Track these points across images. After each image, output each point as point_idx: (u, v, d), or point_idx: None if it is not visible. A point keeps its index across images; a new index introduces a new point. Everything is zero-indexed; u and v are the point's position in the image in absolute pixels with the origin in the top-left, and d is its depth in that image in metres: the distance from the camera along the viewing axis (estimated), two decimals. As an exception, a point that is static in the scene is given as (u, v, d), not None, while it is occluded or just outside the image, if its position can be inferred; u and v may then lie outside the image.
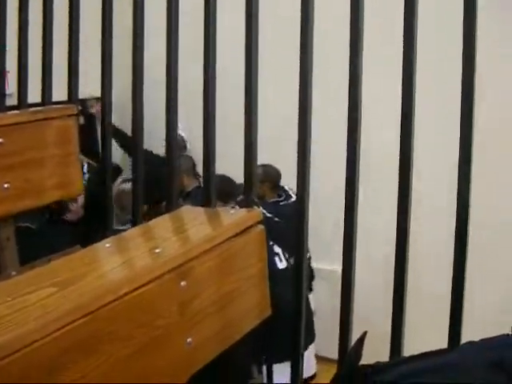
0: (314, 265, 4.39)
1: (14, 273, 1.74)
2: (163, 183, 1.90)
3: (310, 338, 3.94)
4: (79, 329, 1.11)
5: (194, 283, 1.35)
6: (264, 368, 3.75)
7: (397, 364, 1.18)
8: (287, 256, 3.90)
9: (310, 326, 3.94)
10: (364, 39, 1.65)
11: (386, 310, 1.70)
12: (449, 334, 1.55)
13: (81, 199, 3.81)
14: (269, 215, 4.02)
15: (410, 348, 1.42)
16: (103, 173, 2.13)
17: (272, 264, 3.71)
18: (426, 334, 2.59)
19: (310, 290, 4.37)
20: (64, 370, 1.09)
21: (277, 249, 3.91)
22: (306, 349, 3.84)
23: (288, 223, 3.86)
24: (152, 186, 2.07)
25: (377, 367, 1.15)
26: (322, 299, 4.40)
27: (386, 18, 3.11)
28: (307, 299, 3.93)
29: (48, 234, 3.92)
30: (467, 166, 1.54)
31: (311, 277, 4.40)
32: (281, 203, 4.43)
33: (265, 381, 3.82)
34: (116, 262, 1.37)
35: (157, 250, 1.36)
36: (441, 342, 1.53)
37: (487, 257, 3.74)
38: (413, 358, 1.15)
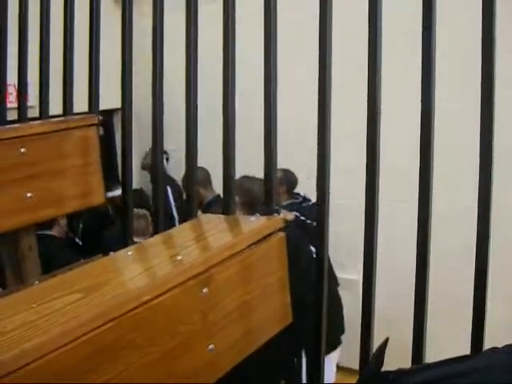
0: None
1: (36, 282, 1.76)
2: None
3: (341, 329, 3.95)
4: (103, 335, 1.12)
5: (215, 290, 1.36)
6: (304, 361, 3.72)
7: (419, 370, 1.18)
8: None
9: (340, 319, 3.96)
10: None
11: (408, 317, 1.69)
12: (471, 340, 1.54)
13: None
14: (302, 218, 4.04)
15: (432, 355, 1.42)
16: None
17: (312, 260, 3.70)
18: (447, 341, 2.57)
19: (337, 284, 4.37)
20: (87, 376, 1.10)
21: (313, 248, 3.89)
22: (339, 342, 3.86)
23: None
24: None
25: (399, 373, 1.14)
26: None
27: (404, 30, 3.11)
28: (337, 293, 3.95)
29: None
30: (488, 166, 1.53)
31: (336, 284, 4.39)
32: (303, 204, 4.44)
33: (304, 374, 3.79)
34: (138, 269, 1.38)
35: (178, 258, 1.37)
36: (463, 349, 1.52)
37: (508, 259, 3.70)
38: (435, 364, 1.14)
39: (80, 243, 3.74)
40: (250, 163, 2.58)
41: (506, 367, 1.03)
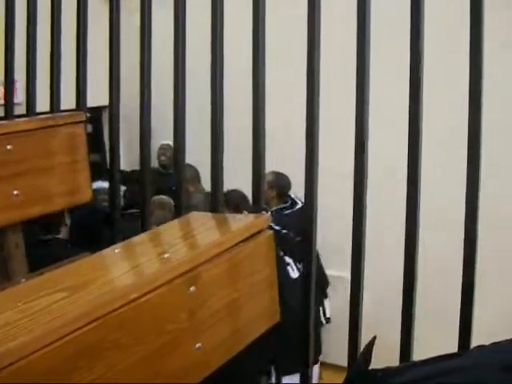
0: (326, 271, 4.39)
1: (23, 280, 1.75)
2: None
3: (319, 350, 3.92)
4: (88, 334, 1.11)
5: (202, 288, 1.35)
6: (273, 379, 3.73)
7: (406, 368, 1.17)
8: (298, 265, 3.88)
9: (317, 338, 3.92)
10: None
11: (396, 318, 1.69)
12: (459, 339, 1.55)
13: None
14: (276, 228, 4.01)
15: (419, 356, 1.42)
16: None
17: (285, 274, 3.69)
18: (435, 341, 2.57)
19: (325, 296, 4.36)
20: (73, 376, 1.09)
21: (288, 259, 3.89)
22: (316, 362, 3.84)
23: (295, 232, 3.88)
24: None
25: (386, 371, 1.14)
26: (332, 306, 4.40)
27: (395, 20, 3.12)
28: (317, 309, 3.94)
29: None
30: (475, 169, 1.53)
31: (325, 283, 4.38)
32: (285, 212, 4.39)
33: None
34: (125, 267, 1.37)
35: (165, 256, 1.36)
36: (451, 348, 1.52)
37: (495, 259, 3.72)
38: (423, 362, 1.14)
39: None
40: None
41: (493, 365, 1.03)
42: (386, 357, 1.54)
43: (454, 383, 1.04)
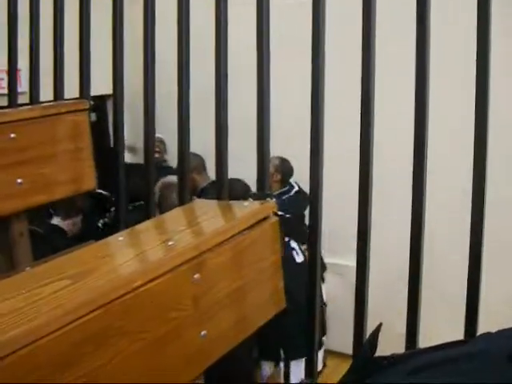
0: (326, 259, 4.40)
1: (27, 268, 1.74)
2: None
3: (323, 331, 3.94)
4: (92, 322, 1.10)
5: (207, 276, 1.34)
6: (281, 365, 3.74)
7: (412, 355, 1.16)
8: (303, 249, 3.89)
9: (322, 319, 3.94)
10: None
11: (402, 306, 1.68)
12: (465, 326, 1.54)
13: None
14: (280, 213, 4.01)
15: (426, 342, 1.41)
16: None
17: (290, 259, 3.70)
18: (442, 328, 2.56)
19: (322, 280, 4.37)
20: (77, 363, 1.08)
21: (293, 243, 3.89)
22: (320, 345, 3.86)
23: (296, 216, 3.89)
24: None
25: (392, 358, 1.13)
26: (335, 293, 4.41)
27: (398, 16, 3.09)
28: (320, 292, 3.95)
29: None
30: (482, 165, 1.52)
31: (323, 268, 4.39)
32: (283, 197, 4.42)
33: (282, 378, 3.81)
34: (129, 255, 1.36)
35: (170, 243, 1.35)
36: (457, 336, 1.51)
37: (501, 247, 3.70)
38: (428, 349, 1.13)
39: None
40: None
41: (500, 352, 1.02)
42: (390, 345, 1.54)
43: (461, 370, 1.03)
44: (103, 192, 3.66)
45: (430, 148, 1.61)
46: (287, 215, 3.95)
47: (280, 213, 4.06)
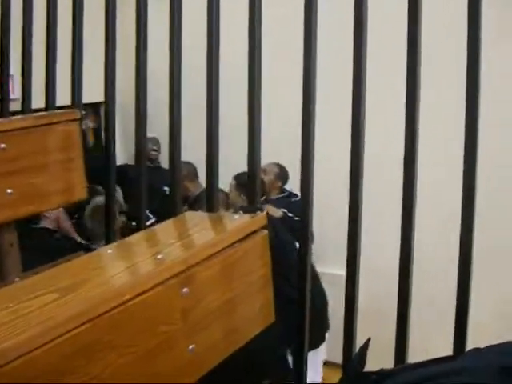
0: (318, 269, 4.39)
1: (17, 279, 1.74)
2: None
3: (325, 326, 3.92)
4: (80, 336, 1.10)
5: (196, 289, 1.34)
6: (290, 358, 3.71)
7: (401, 371, 1.17)
8: None
9: (324, 314, 3.92)
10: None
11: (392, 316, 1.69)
12: (454, 341, 1.54)
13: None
14: (290, 215, 4.05)
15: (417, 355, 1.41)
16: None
17: (295, 258, 3.69)
18: (434, 339, 2.57)
19: None
20: (65, 378, 1.08)
21: (298, 245, 3.90)
22: (323, 340, 3.83)
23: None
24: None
25: (381, 374, 1.14)
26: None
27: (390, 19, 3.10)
28: (323, 289, 3.95)
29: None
30: (471, 166, 1.53)
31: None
32: (291, 199, 4.48)
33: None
34: (118, 268, 1.36)
35: (158, 257, 1.35)
36: (449, 347, 1.52)
37: (490, 260, 3.71)
38: (417, 364, 1.13)
39: None
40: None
41: (489, 367, 1.03)
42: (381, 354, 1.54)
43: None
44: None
45: (420, 160, 1.62)
46: (296, 218, 3.99)
47: (290, 214, 4.07)
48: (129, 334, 1.20)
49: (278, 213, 4.08)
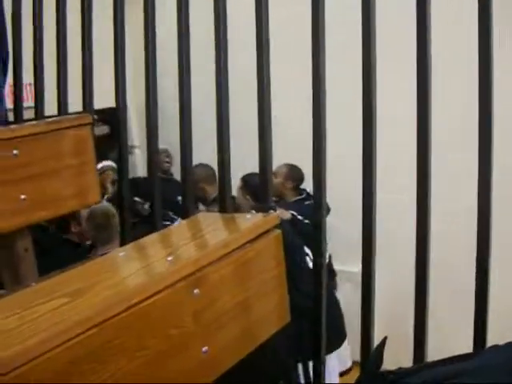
0: (336, 266, 4.38)
1: (33, 284, 1.74)
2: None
3: (342, 335, 3.87)
4: (89, 340, 1.09)
5: (207, 291, 1.32)
6: (300, 366, 3.69)
7: (419, 370, 1.14)
8: None
9: (340, 323, 3.87)
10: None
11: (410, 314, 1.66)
12: (474, 338, 1.51)
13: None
14: (299, 217, 4.02)
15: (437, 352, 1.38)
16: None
17: (304, 263, 3.68)
18: (454, 336, 2.53)
19: (334, 288, 4.35)
20: (78, 380, 1.07)
21: (307, 249, 3.88)
22: (339, 346, 3.80)
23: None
24: None
25: (398, 373, 1.11)
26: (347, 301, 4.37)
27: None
28: (335, 297, 3.91)
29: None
30: (487, 160, 1.50)
31: (332, 274, 4.37)
32: (305, 202, 4.41)
33: (302, 379, 3.75)
34: (129, 270, 1.35)
35: (169, 258, 1.34)
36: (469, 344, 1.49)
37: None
38: (435, 363, 1.11)
39: None
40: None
41: (506, 366, 1.00)
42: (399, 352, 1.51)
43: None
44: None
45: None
46: (306, 221, 3.96)
47: (299, 217, 4.02)
48: (140, 336, 1.18)
49: (286, 215, 4.04)
